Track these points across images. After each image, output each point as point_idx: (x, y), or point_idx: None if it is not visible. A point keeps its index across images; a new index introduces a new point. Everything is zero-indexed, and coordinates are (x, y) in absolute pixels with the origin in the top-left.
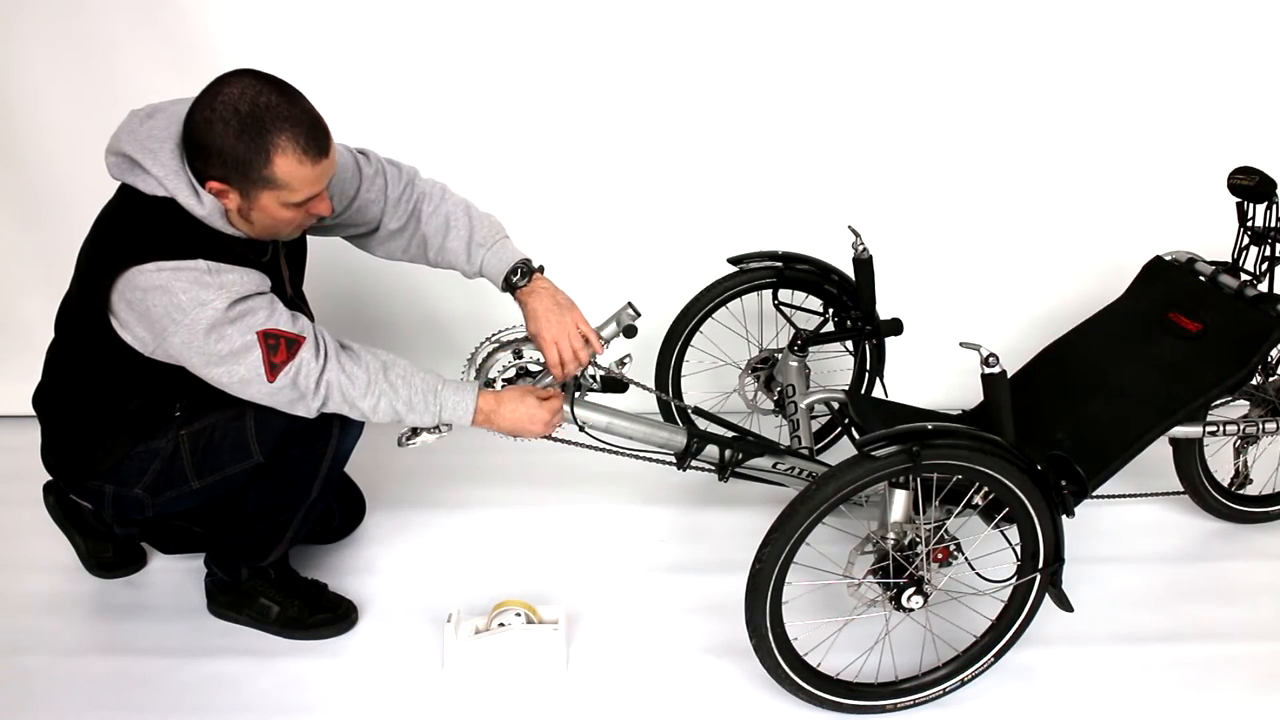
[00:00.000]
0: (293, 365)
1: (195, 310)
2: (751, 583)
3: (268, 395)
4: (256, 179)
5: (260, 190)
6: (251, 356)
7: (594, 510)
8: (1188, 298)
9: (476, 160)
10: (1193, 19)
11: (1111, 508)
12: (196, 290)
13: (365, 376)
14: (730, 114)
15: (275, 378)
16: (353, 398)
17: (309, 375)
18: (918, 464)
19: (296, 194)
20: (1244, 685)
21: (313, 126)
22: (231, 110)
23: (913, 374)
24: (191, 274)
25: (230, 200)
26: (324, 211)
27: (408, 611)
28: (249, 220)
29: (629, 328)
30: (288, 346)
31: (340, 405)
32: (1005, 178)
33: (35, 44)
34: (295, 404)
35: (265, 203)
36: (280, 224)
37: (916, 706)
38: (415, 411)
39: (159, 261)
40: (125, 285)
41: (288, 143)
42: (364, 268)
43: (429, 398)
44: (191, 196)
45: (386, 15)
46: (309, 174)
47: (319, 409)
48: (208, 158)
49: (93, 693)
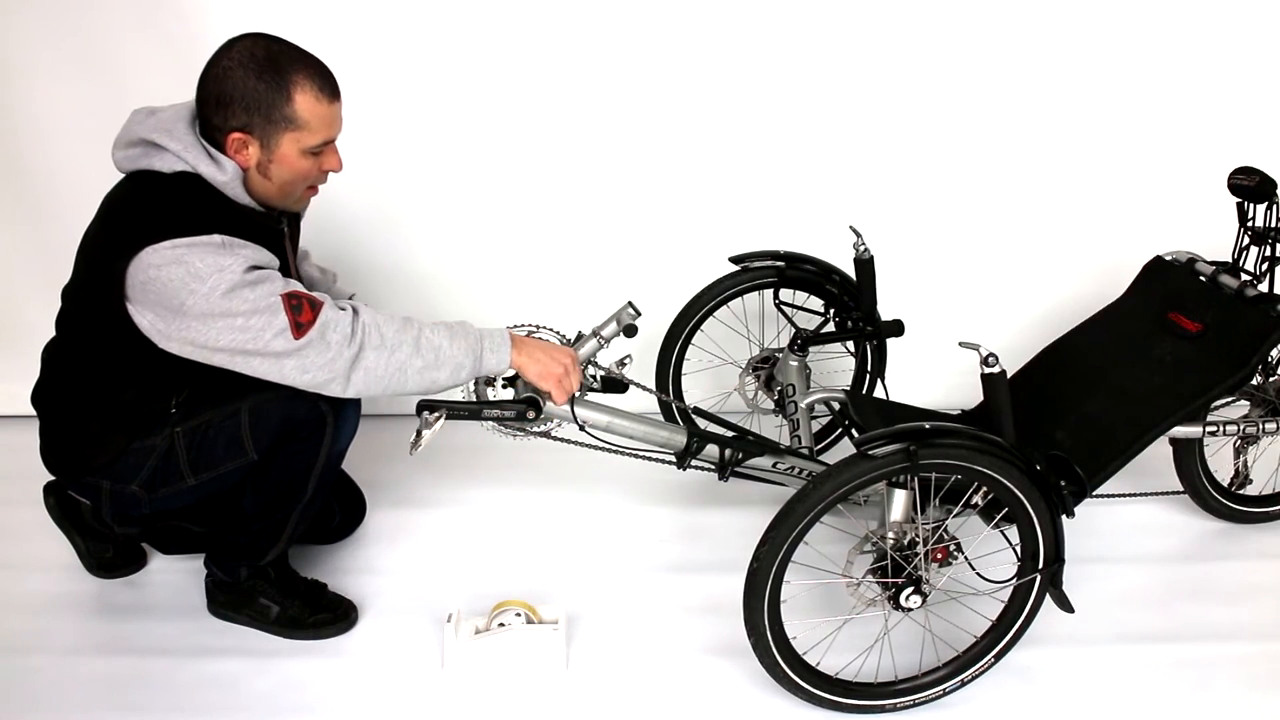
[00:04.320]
0: (320, 319)
1: (214, 276)
2: (749, 582)
3: (296, 360)
4: (278, 119)
5: (281, 133)
6: (277, 319)
7: (594, 510)
8: (1188, 298)
9: (478, 161)
10: (1193, 19)
11: (1111, 508)
12: (214, 258)
13: (398, 322)
14: (731, 114)
15: (301, 335)
16: (388, 338)
17: (340, 326)
18: (916, 463)
19: (314, 135)
20: (1244, 685)
21: (324, 70)
22: (249, 55)
23: (913, 374)
24: (207, 246)
25: (250, 154)
26: (335, 166)
27: (408, 611)
28: (268, 176)
29: (629, 327)
30: (311, 306)
31: (378, 352)
32: (1005, 178)
33: (37, 47)
34: (326, 367)
35: (285, 150)
36: (298, 177)
37: (916, 706)
38: (456, 348)
39: (174, 239)
40: (140, 265)
41: (306, 80)
42: (363, 268)
43: (467, 336)
44: (211, 165)
45: (388, 16)
46: (326, 113)
47: (354, 362)
48: (228, 106)
49: (93, 693)
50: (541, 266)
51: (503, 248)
